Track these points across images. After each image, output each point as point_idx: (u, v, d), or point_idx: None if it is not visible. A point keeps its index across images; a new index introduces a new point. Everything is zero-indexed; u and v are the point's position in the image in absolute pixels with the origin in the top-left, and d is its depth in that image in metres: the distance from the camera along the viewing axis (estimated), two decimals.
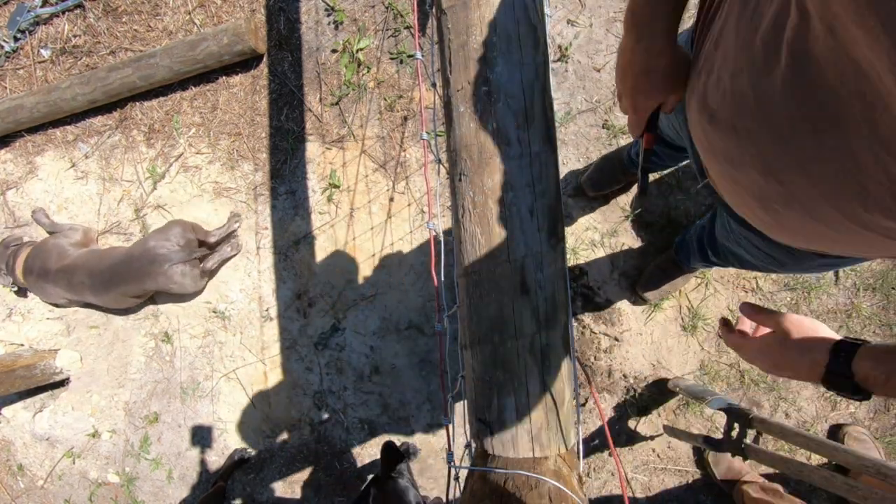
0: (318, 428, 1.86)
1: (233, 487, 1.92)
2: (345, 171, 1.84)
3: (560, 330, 0.61)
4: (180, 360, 1.97)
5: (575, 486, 0.54)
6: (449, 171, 0.68)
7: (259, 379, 1.91)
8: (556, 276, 0.62)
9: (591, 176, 1.60)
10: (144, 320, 2.01)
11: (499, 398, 0.60)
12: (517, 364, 0.59)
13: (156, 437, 2.00)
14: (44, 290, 1.89)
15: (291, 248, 1.88)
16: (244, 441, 1.92)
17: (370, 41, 1.81)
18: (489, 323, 0.61)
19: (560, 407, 0.60)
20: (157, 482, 2.01)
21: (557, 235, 0.63)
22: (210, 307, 1.94)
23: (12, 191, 2.13)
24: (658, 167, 1.38)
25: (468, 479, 0.59)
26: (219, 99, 1.93)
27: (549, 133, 0.64)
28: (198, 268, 1.80)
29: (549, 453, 0.58)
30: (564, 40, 1.69)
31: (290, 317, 1.88)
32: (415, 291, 1.79)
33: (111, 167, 2.04)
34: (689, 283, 1.64)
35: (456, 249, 0.65)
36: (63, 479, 2.09)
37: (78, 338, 2.07)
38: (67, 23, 2.01)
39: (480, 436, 0.61)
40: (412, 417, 1.80)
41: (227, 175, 1.94)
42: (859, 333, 1.58)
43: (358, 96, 1.83)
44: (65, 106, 1.94)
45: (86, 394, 2.06)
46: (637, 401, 1.67)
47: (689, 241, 1.31)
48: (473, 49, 0.63)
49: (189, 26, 1.94)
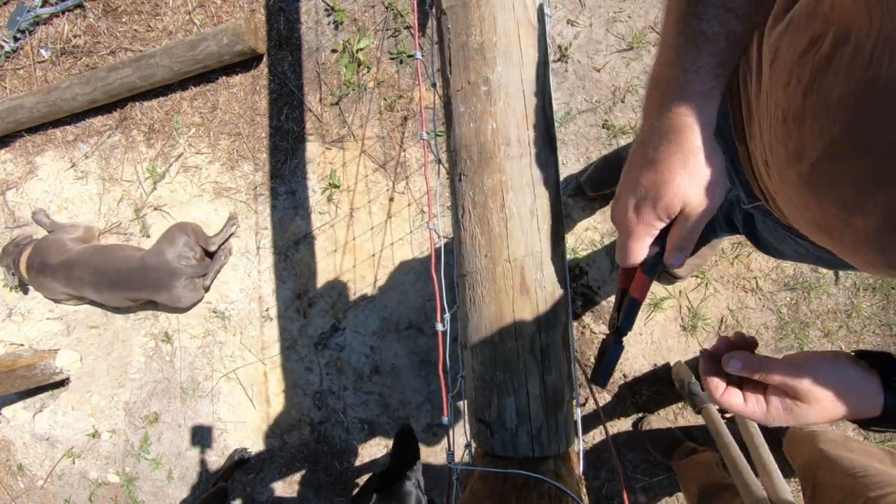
0: (318, 428, 1.86)
1: (233, 487, 1.92)
2: (345, 171, 1.84)
3: (560, 330, 0.61)
4: (180, 360, 1.97)
5: (575, 486, 0.54)
6: (449, 171, 0.68)
7: (259, 379, 1.91)
8: (556, 276, 0.62)
9: (591, 176, 1.60)
10: (144, 320, 2.01)
11: (499, 398, 0.60)
12: (517, 364, 0.59)
13: (156, 437, 2.00)
14: (43, 285, 1.90)
15: (291, 248, 1.88)
16: (244, 441, 1.92)
17: (370, 41, 1.81)
18: (489, 323, 0.61)
19: (560, 407, 0.60)
20: (157, 482, 2.01)
21: (557, 235, 0.63)
22: (210, 307, 1.94)
23: (12, 191, 2.13)
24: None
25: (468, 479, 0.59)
26: (219, 99, 1.93)
27: (549, 133, 0.64)
28: (200, 281, 1.83)
29: (549, 453, 0.58)
30: (564, 40, 1.69)
31: (290, 317, 1.88)
32: (415, 291, 1.79)
33: (111, 167, 2.04)
34: (690, 284, 1.64)
35: (456, 249, 0.65)
36: (63, 479, 2.09)
37: (78, 338, 2.07)
38: (67, 23, 2.01)
39: (480, 436, 0.61)
40: (412, 417, 1.80)
41: (227, 175, 1.94)
42: (859, 334, 1.58)
43: (358, 96, 1.83)
44: (65, 106, 1.94)
45: (86, 394, 2.06)
46: (637, 401, 1.67)
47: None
48: (473, 49, 0.63)
49: (189, 26, 1.94)
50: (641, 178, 0.47)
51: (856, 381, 0.44)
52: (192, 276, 1.77)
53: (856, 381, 0.44)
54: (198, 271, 1.78)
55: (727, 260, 1.63)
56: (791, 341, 1.60)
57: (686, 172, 0.45)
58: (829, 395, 0.43)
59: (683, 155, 0.45)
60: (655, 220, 0.47)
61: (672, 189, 0.46)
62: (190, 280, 1.76)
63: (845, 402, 0.43)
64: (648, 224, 0.47)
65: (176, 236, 1.76)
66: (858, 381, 0.44)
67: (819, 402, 0.43)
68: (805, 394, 0.44)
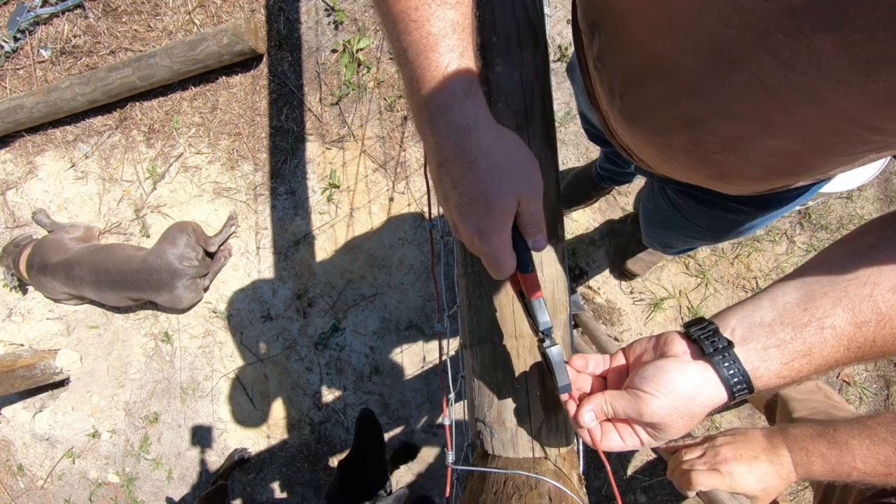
0: (318, 428, 1.86)
1: (233, 487, 1.92)
2: (345, 171, 1.84)
3: (560, 330, 0.61)
4: (180, 360, 1.97)
5: (575, 486, 0.54)
6: None
7: (259, 379, 1.91)
8: (556, 276, 0.62)
9: (564, 192, 1.58)
10: (144, 320, 2.01)
11: (499, 398, 0.60)
12: (517, 364, 0.59)
13: (156, 437, 2.00)
14: (43, 284, 1.90)
15: (291, 248, 1.88)
16: (244, 441, 1.92)
17: (370, 41, 1.81)
18: (489, 323, 0.61)
19: (560, 407, 0.60)
20: (157, 482, 2.01)
21: (557, 235, 0.63)
22: (210, 307, 1.94)
23: (12, 191, 2.13)
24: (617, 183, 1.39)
25: (468, 480, 0.59)
26: (219, 99, 1.93)
27: (548, 133, 0.64)
28: (200, 282, 1.83)
29: (549, 453, 0.58)
30: (564, 40, 1.69)
31: (290, 317, 1.88)
32: (415, 291, 1.79)
33: (111, 167, 2.04)
34: (690, 284, 1.64)
35: (456, 249, 0.65)
36: (63, 479, 2.09)
37: (78, 338, 2.07)
38: (67, 23, 2.01)
39: (480, 436, 0.61)
40: (412, 417, 1.80)
41: (226, 175, 1.94)
42: None
43: (358, 96, 1.83)
44: (65, 106, 1.94)
45: (86, 394, 2.06)
46: None
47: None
48: None
49: (189, 26, 1.94)
50: (461, 200, 0.44)
51: (695, 389, 0.42)
52: (194, 277, 1.77)
53: (695, 390, 0.42)
54: (199, 271, 1.78)
55: (727, 260, 1.63)
56: None
57: (496, 171, 0.43)
58: (676, 419, 0.43)
59: (482, 155, 0.43)
60: (500, 226, 0.44)
61: (494, 192, 0.43)
62: (191, 280, 1.77)
63: (694, 415, 0.43)
64: (497, 234, 0.44)
65: (177, 236, 1.76)
66: (697, 387, 0.42)
67: (670, 426, 0.43)
68: (656, 425, 0.44)
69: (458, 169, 0.43)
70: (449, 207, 0.46)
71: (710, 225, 0.82)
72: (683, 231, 0.91)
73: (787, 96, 0.33)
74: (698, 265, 1.64)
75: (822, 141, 0.37)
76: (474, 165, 0.43)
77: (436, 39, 0.42)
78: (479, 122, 0.43)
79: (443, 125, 0.43)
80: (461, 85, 0.43)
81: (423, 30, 0.42)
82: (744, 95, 0.36)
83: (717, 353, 0.42)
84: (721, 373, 0.42)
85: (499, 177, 0.43)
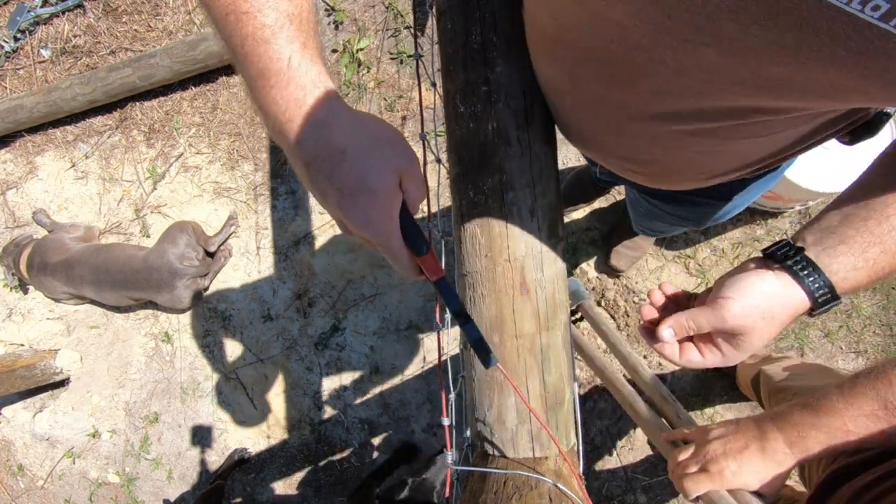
0: (318, 428, 1.86)
1: (233, 487, 1.92)
2: None
3: (560, 330, 0.61)
4: (180, 360, 1.97)
5: (575, 486, 0.54)
6: (449, 171, 0.68)
7: (259, 379, 1.91)
8: (556, 276, 0.62)
9: (564, 192, 1.59)
10: (144, 320, 2.01)
11: (499, 398, 0.60)
12: (517, 364, 0.59)
13: (156, 437, 2.00)
14: (43, 284, 1.90)
15: (291, 248, 1.88)
16: (244, 441, 1.92)
17: (370, 41, 1.81)
18: (489, 323, 0.61)
19: (560, 407, 0.60)
20: (157, 482, 2.01)
21: (557, 235, 0.63)
22: (210, 307, 1.94)
23: (12, 191, 2.13)
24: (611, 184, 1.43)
25: (468, 480, 0.59)
26: (219, 99, 1.93)
27: (549, 133, 0.64)
28: (201, 282, 1.83)
29: (549, 453, 0.58)
30: None
31: (290, 317, 1.88)
32: (415, 291, 1.79)
33: (111, 167, 2.04)
34: (690, 284, 1.64)
35: (456, 249, 0.65)
36: (63, 479, 2.09)
37: (78, 338, 2.07)
38: (67, 23, 2.01)
39: (480, 436, 0.61)
40: (412, 417, 1.80)
41: (227, 175, 1.94)
42: (859, 334, 1.58)
43: (358, 96, 1.83)
44: (65, 106, 1.94)
45: (86, 394, 2.06)
46: None
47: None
48: (473, 49, 0.63)
49: (189, 26, 1.94)
50: (341, 196, 0.41)
51: (773, 291, 0.45)
52: (194, 277, 1.77)
53: (774, 292, 0.45)
54: (199, 271, 1.78)
55: (727, 260, 1.63)
56: (791, 341, 1.60)
57: (370, 154, 0.41)
58: (757, 320, 0.45)
59: (351, 142, 0.40)
60: (393, 210, 0.43)
61: (374, 176, 0.41)
62: (192, 280, 1.76)
63: (775, 316, 0.45)
64: (386, 220, 0.43)
65: (177, 236, 1.76)
66: (776, 289, 0.45)
67: (753, 329, 0.45)
68: (738, 329, 0.46)
69: (330, 164, 0.41)
70: (330, 206, 0.43)
71: (687, 215, 0.87)
72: (666, 220, 0.97)
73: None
74: (699, 265, 1.64)
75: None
76: (346, 156, 0.40)
77: (272, 30, 0.39)
78: (338, 110, 0.41)
79: (300, 122, 0.40)
80: (309, 76, 0.40)
81: (257, 21, 0.39)
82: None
83: (788, 259, 0.45)
84: (796, 275, 0.45)
85: (376, 159, 0.41)
